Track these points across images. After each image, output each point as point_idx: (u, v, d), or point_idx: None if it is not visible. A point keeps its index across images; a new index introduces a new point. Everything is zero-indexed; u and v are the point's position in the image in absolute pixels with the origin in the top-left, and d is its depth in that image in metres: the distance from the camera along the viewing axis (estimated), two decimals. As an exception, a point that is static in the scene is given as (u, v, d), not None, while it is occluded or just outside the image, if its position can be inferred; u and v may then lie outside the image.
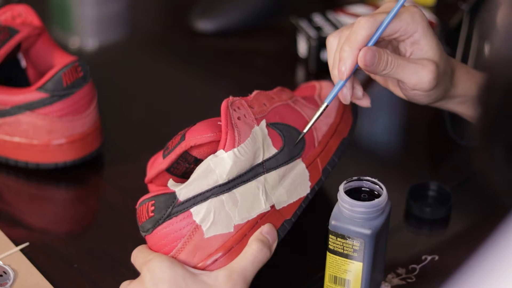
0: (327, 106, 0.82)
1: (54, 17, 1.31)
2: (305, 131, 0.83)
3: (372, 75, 0.88)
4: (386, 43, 0.85)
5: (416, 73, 0.81)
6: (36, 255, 0.87)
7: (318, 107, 0.86)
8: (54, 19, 1.30)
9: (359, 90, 0.83)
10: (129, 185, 0.96)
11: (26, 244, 0.88)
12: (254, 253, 0.76)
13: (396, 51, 0.84)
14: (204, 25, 1.26)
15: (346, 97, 0.82)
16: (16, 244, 0.88)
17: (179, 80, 1.18)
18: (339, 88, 0.82)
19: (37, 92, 0.94)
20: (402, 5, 0.80)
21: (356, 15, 1.21)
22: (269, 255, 0.77)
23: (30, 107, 0.95)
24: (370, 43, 0.80)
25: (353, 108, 0.91)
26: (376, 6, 1.24)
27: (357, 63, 0.80)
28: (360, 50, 0.80)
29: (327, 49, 0.84)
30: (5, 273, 0.84)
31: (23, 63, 1.01)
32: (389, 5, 0.81)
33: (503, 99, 0.54)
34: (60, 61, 0.97)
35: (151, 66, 1.21)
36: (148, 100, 1.13)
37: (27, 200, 0.96)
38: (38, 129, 0.95)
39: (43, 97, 0.94)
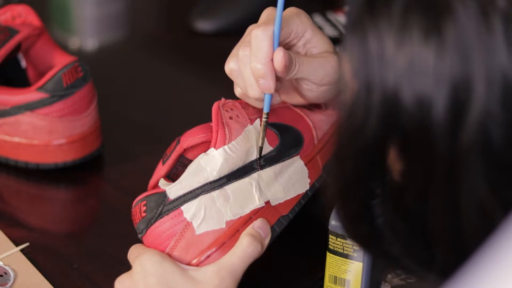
0: (267, 114, 0.79)
1: (54, 17, 1.31)
2: (260, 145, 0.80)
3: (275, 97, 0.82)
4: None
5: (321, 66, 0.81)
6: (36, 255, 0.87)
7: (322, 110, 0.86)
8: (54, 19, 1.30)
9: (277, 96, 0.82)
10: (129, 185, 0.96)
11: (26, 244, 0.88)
12: (243, 248, 0.76)
13: None
14: (204, 25, 1.26)
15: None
16: (16, 244, 0.88)
17: (179, 80, 1.18)
18: (269, 99, 0.79)
19: (37, 92, 0.94)
20: (284, 10, 0.79)
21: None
22: (261, 249, 0.77)
23: (30, 107, 0.95)
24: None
25: None
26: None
27: (275, 71, 0.77)
28: (271, 61, 0.77)
29: (232, 75, 0.81)
30: (5, 273, 0.84)
31: (23, 63, 1.01)
32: (271, 12, 0.80)
33: (353, 169, 0.56)
34: (60, 61, 0.97)
35: (151, 66, 1.21)
36: (148, 100, 1.13)
37: (27, 200, 0.96)
38: (38, 129, 0.95)
39: (43, 97, 0.94)
